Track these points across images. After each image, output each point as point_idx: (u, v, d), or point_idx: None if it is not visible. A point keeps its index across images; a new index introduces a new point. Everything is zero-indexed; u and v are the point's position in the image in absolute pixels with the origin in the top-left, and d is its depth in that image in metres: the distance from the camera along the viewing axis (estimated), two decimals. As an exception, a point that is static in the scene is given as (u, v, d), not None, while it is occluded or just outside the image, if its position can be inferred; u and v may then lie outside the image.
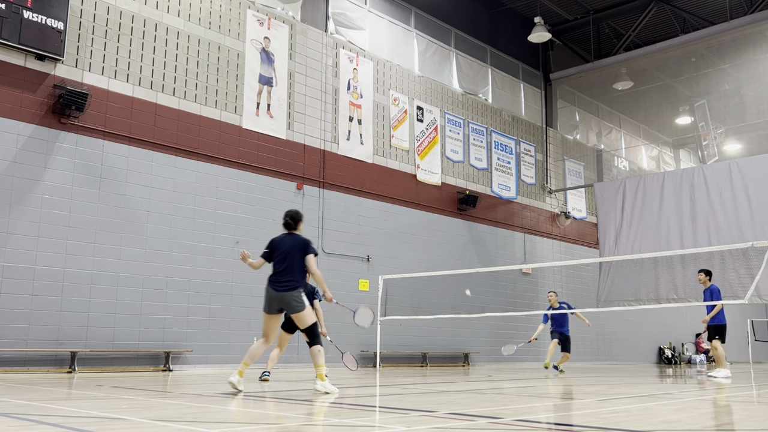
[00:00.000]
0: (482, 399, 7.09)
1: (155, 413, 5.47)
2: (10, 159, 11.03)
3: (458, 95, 19.42)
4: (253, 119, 14.31)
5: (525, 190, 21.16)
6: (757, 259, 13.62)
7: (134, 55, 12.72)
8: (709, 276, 12.53)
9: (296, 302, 7.09)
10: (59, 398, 6.70)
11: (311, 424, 4.79)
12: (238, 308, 13.29)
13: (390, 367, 15.49)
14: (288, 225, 7.49)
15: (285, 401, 6.61)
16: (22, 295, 10.82)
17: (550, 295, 14.24)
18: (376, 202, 16.47)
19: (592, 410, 5.91)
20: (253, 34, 14.63)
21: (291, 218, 7.48)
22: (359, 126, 16.47)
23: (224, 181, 13.60)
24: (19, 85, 11.28)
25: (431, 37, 19.02)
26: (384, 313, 14.75)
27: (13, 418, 4.79)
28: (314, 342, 7.17)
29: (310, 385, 8.91)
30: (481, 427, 4.67)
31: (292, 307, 7.10)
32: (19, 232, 10.95)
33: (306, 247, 7.24)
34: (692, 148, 26.57)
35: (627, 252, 18.20)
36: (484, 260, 18.83)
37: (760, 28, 19.00)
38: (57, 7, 11.43)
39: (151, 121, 12.75)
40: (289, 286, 7.10)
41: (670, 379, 12.56)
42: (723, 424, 5.24)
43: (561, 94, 23.29)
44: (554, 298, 14.11)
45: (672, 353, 24.56)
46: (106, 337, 11.61)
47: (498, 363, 18.56)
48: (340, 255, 15.36)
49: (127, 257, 12.08)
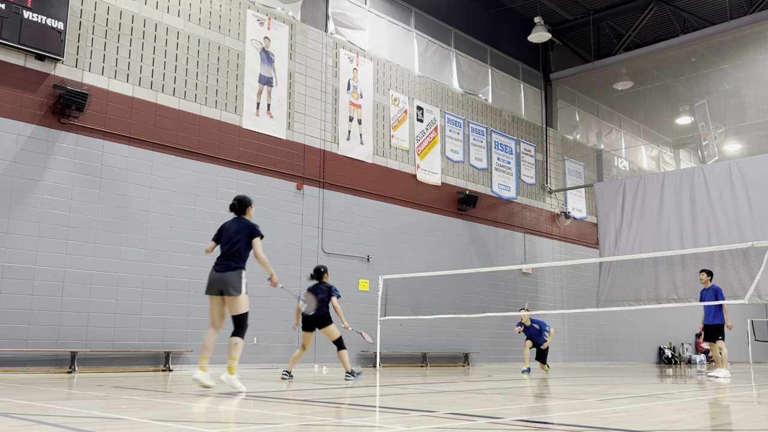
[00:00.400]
0: (482, 399, 7.08)
1: (155, 413, 5.47)
2: (10, 159, 11.04)
3: (458, 95, 19.43)
4: (253, 119, 14.31)
5: (525, 190, 21.16)
6: (757, 259, 13.63)
7: (134, 55, 12.72)
8: (711, 276, 12.56)
9: (233, 285, 7.00)
10: (59, 398, 6.70)
11: (311, 424, 4.78)
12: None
13: (390, 367, 15.49)
14: (233, 207, 7.44)
15: (285, 401, 6.61)
16: (22, 295, 10.82)
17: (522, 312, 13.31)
18: (376, 202, 16.47)
19: (592, 410, 5.91)
20: (253, 34, 14.63)
21: (238, 201, 7.43)
22: (359, 126, 16.47)
23: (224, 181, 13.60)
24: (19, 85, 11.28)
25: (431, 37, 19.02)
26: (384, 313, 14.75)
27: (13, 418, 4.79)
28: (238, 333, 7.05)
29: (310, 386, 8.92)
30: (481, 427, 4.67)
31: (228, 290, 7.01)
32: (19, 232, 10.95)
33: (252, 230, 7.19)
34: (692, 148, 26.58)
35: (627, 252, 18.20)
36: (484, 260, 18.83)
37: (760, 28, 19.00)
38: (57, 7, 11.43)
39: (151, 121, 12.75)
40: (229, 267, 7.06)
41: (670, 379, 12.56)
42: (723, 424, 5.24)
43: (561, 94, 23.30)
44: (526, 317, 13.11)
45: (672, 353, 24.57)
46: (106, 337, 11.61)
47: (498, 363, 18.56)
48: (340, 255, 15.36)
49: (127, 257, 12.08)
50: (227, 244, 7.20)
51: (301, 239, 14.71)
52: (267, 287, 9.02)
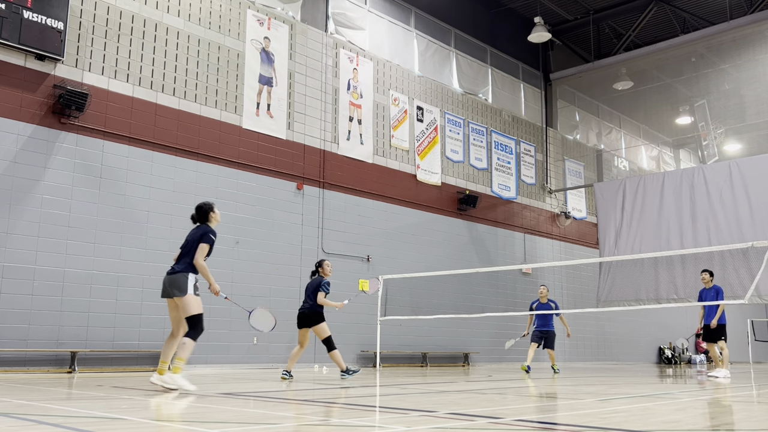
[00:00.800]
0: (482, 399, 7.08)
1: (155, 413, 5.47)
2: (10, 159, 11.04)
3: (458, 95, 19.43)
4: (253, 119, 14.31)
5: (525, 190, 21.16)
6: (757, 259, 13.63)
7: (134, 55, 12.72)
8: (713, 276, 12.59)
9: (177, 286, 7.05)
10: (59, 398, 6.70)
11: (311, 424, 4.78)
12: (238, 308, 13.27)
13: (390, 367, 15.49)
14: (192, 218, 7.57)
15: (285, 401, 6.61)
16: (22, 295, 10.82)
17: (542, 288, 13.98)
18: (376, 202, 16.47)
19: (592, 410, 5.91)
20: (253, 34, 14.63)
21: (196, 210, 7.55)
22: (359, 126, 16.47)
23: (224, 181, 13.60)
24: (19, 85, 11.28)
25: (431, 37, 19.02)
26: (384, 313, 14.75)
27: (13, 418, 4.79)
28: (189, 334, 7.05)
29: (310, 386, 8.92)
30: (481, 427, 4.67)
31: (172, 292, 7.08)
32: (19, 232, 10.95)
33: (201, 236, 7.23)
34: (692, 148, 26.57)
35: (627, 252, 18.19)
36: (484, 260, 18.83)
37: (760, 28, 19.00)
38: (57, 7, 11.43)
39: (151, 121, 12.75)
40: (174, 271, 7.18)
41: (670, 379, 12.56)
42: (723, 424, 5.24)
43: (561, 94, 23.29)
44: (545, 292, 13.86)
45: (672, 353, 24.57)
46: (106, 337, 11.61)
47: (498, 363, 18.56)
48: (340, 255, 15.36)
49: (127, 257, 12.08)
50: (182, 248, 7.36)
51: (301, 239, 14.71)
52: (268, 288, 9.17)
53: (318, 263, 9.86)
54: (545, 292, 13.86)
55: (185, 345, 6.99)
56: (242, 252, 13.61)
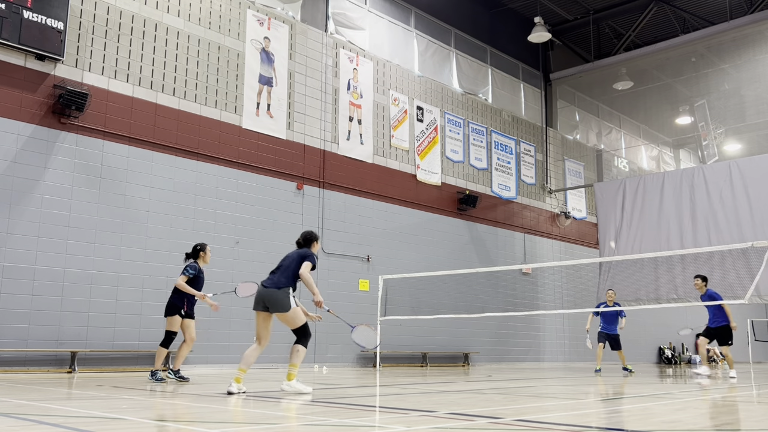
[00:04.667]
0: (482, 399, 7.08)
1: (155, 413, 5.47)
2: (10, 159, 11.03)
3: (458, 95, 19.42)
4: (253, 119, 14.31)
5: (525, 190, 21.16)
6: (757, 259, 13.62)
7: (134, 55, 12.72)
8: (706, 282, 12.56)
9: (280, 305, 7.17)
10: (59, 398, 6.70)
11: (311, 424, 4.78)
12: (238, 308, 13.26)
13: (390, 367, 15.49)
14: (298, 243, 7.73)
15: (285, 401, 6.61)
16: (22, 295, 10.82)
17: (609, 292, 14.81)
18: (376, 202, 16.47)
19: (592, 410, 5.91)
20: (253, 34, 14.63)
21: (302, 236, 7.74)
22: (359, 126, 16.47)
23: (224, 181, 13.60)
24: (19, 85, 11.28)
25: (431, 37, 19.02)
26: (384, 313, 14.75)
27: (13, 418, 4.79)
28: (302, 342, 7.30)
29: (310, 386, 8.90)
30: (481, 427, 4.67)
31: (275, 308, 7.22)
32: (19, 232, 10.95)
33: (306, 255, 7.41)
34: (692, 148, 26.56)
35: (627, 252, 18.19)
36: (484, 260, 18.83)
37: (760, 28, 19.00)
38: (57, 7, 11.43)
39: (151, 121, 12.75)
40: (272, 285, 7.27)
41: (670, 379, 12.55)
42: (723, 424, 5.24)
43: (561, 94, 23.29)
44: (613, 296, 14.72)
45: (672, 353, 24.56)
46: (106, 337, 11.61)
47: (498, 363, 18.56)
48: (340, 255, 15.36)
49: (127, 257, 12.08)
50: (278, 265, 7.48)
51: (301, 239, 14.68)
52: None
53: (201, 247, 9.69)
54: (613, 296, 14.78)
55: (299, 352, 7.27)
56: (242, 252, 13.61)
